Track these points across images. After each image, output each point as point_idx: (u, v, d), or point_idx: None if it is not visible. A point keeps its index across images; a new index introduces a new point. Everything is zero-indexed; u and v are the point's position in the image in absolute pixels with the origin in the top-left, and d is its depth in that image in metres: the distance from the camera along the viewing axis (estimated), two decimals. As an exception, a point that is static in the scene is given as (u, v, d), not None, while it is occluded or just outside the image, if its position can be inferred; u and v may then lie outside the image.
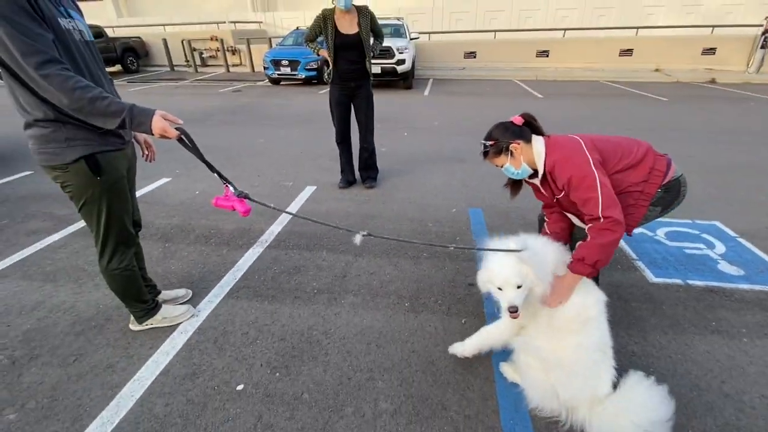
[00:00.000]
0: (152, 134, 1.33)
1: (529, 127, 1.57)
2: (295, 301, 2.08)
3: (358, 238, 1.50)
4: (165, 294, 2.05)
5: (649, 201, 1.53)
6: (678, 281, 2.20)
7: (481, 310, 2.01)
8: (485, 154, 1.62)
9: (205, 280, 2.26)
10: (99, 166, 1.44)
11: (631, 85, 9.81)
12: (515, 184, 1.75)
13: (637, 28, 12.64)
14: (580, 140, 1.49)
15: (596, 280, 1.83)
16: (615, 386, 1.29)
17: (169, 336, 1.84)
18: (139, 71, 13.60)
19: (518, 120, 1.58)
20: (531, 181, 1.68)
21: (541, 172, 1.54)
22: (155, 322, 1.88)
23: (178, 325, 1.90)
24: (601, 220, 1.36)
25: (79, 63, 1.33)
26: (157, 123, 1.31)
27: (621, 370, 1.33)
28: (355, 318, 1.96)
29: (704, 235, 2.66)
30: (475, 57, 12.99)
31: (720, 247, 2.51)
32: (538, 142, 1.54)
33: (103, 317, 1.96)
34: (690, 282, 2.19)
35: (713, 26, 12.10)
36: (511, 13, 15.50)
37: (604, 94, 8.73)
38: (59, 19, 1.27)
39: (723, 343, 1.76)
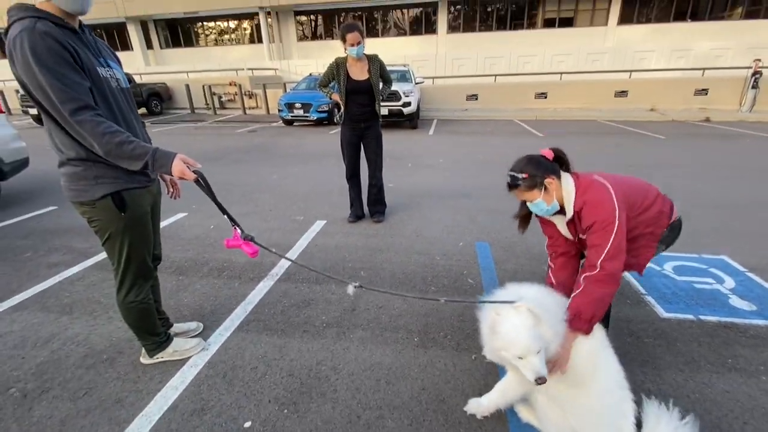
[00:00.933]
0: (172, 175, 1.42)
1: (558, 162, 1.53)
2: (303, 335, 2.09)
3: (350, 289, 1.51)
4: (177, 327, 2.07)
5: (658, 241, 1.57)
6: (690, 317, 2.18)
7: (491, 345, 2.00)
8: (513, 186, 1.52)
9: (216, 313, 2.29)
10: (124, 203, 1.52)
11: (628, 124, 10.11)
12: (525, 219, 1.70)
13: (630, 71, 13.24)
14: (611, 188, 1.44)
15: (608, 315, 1.83)
16: (638, 421, 1.27)
17: (179, 370, 1.84)
18: (162, 113, 14.44)
19: (549, 154, 1.52)
20: (548, 217, 1.65)
21: (570, 211, 1.49)
22: (166, 355, 1.89)
23: (188, 358, 1.91)
24: (597, 269, 1.36)
25: (113, 108, 1.45)
26: (177, 166, 1.39)
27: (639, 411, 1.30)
28: (364, 353, 1.95)
29: (712, 270, 2.66)
30: (476, 99, 13.56)
31: (729, 282, 2.50)
32: (567, 180, 1.50)
33: (115, 350, 1.98)
34: (702, 317, 2.17)
35: (703, 69, 12.64)
36: (509, 59, 16.37)
37: (602, 132, 8.99)
38: (98, 69, 1.40)
39: (742, 382, 1.72)
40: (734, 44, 14.80)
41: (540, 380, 1.17)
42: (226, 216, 1.61)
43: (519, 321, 1.21)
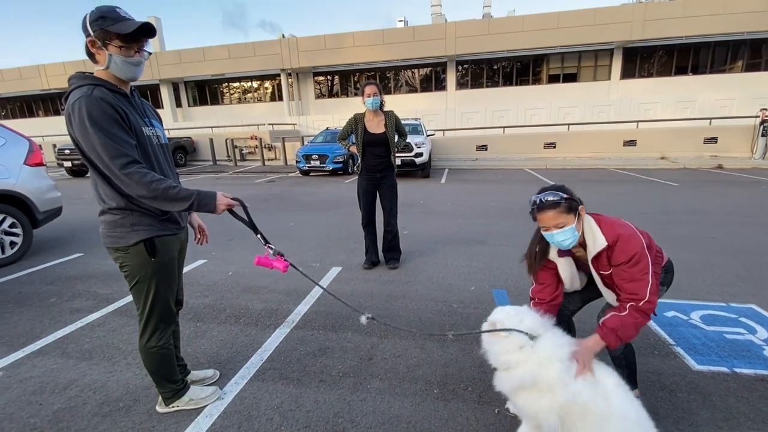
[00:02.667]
0: (215, 212, 1.55)
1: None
2: (320, 385, 2.04)
3: (363, 319, 1.63)
4: (194, 374, 2.06)
5: (659, 281, 1.60)
6: (724, 369, 2.07)
7: (514, 397, 1.91)
8: (552, 206, 1.48)
9: (233, 361, 2.27)
10: (155, 249, 1.61)
11: (639, 172, 10.18)
12: (540, 257, 1.67)
13: (637, 122, 13.57)
14: (631, 224, 1.54)
15: (634, 370, 1.76)
16: None
17: (193, 420, 1.80)
18: (186, 165, 15.27)
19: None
20: (554, 258, 1.67)
21: (600, 244, 1.49)
22: (182, 404, 1.86)
23: (203, 407, 1.88)
24: (642, 303, 1.42)
25: (152, 161, 1.60)
26: (221, 201, 1.55)
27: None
28: (382, 405, 1.89)
29: (743, 319, 2.55)
30: (486, 149, 13.97)
31: (762, 332, 2.38)
32: (589, 220, 1.55)
33: (132, 398, 1.96)
34: (737, 370, 2.05)
35: (710, 118, 12.88)
36: (517, 112, 17.10)
37: (614, 180, 9.06)
38: (143, 128, 1.57)
39: (789, 442, 1.60)
40: (738, 95, 15.22)
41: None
42: (258, 236, 1.72)
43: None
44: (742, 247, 3.99)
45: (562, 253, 1.65)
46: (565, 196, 1.49)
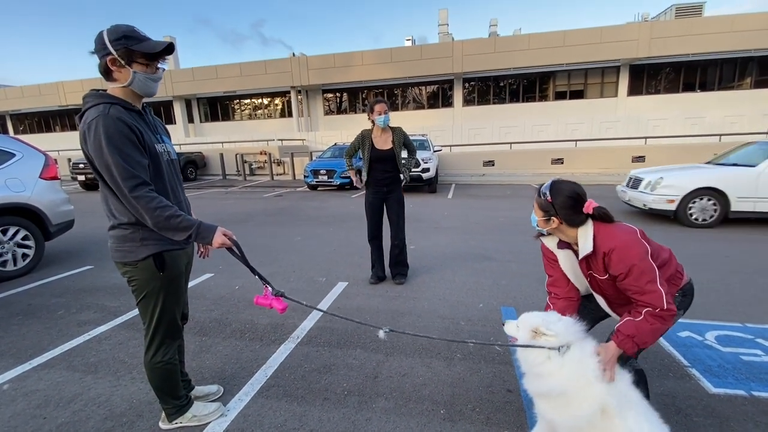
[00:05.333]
0: (212, 246, 1.54)
1: (598, 216, 1.54)
2: (324, 403, 2.01)
3: (381, 334, 1.64)
4: (198, 390, 2.04)
5: (673, 300, 1.55)
6: (741, 392, 1.99)
7: (523, 419, 1.86)
8: (538, 194, 1.64)
9: (237, 377, 2.25)
10: (164, 263, 1.62)
11: (650, 189, 10.05)
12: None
13: (645, 138, 13.49)
14: (635, 229, 1.50)
15: (646, 389, 1.71)
16: None
17: (196, 437, 1.78)
18: (196, 179, 15.54)
19: (589, 208, 1.53)
20: (553, 249, 1.70)
21: (586, 249, 1.51)
22: (185, 420, 1.84)
23: (206, 424, 1.85)
24: (661, 308, 1.38)
25: (164, 177, 1.62)
26: (218, 239, 1.53)
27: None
28: (387, 425, 1.85)
29: (760, 341, 2.47)
30: (493, 165, 13.96)
31: (782, 355, 2.30)
32: (588, 224, 1.54)
33: (135, 413, 1.95)
34: (755, 394, 1.98)
35: (720, 135, 12.74)
36: (524, 128, 17.16)
37: (624, 196, 8.94)
38: (155, 145, 1.59)
39: (814, 472, 1.52)
40: (748, 112, 15.12)
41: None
42: (257, 276, 1.68)
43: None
44: (758, 266, 3.89)
45: (561, 245, 1.68)
46: (548, 199, 1.57)
